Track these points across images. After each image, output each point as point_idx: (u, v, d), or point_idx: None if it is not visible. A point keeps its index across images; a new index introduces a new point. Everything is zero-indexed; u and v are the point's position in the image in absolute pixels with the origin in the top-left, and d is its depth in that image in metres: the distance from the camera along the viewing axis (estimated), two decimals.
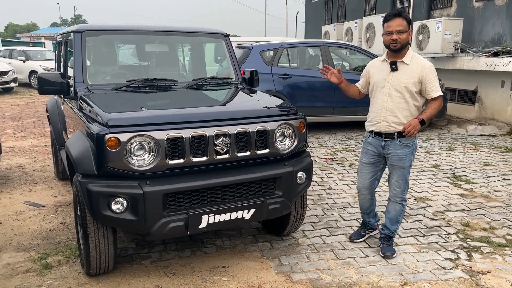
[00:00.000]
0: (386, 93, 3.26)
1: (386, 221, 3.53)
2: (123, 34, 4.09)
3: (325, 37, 15.69)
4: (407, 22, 3.16)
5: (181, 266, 3.31)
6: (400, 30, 3.13)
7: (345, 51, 9.02)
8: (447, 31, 9.23)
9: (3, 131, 8.77)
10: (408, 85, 3.20)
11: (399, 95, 3.23)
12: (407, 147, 3.29)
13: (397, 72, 3.24)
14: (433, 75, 3.20)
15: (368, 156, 3.48)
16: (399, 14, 3.17)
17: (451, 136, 8.28)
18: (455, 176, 5.65)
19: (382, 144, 3.34)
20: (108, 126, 2.70)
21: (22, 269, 3.28)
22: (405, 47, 3.20)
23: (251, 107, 3.40)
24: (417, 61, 3.22)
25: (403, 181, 3.38)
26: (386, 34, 3.21)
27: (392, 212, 3.48)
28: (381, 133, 3.33)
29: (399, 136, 3.27)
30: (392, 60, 3.26)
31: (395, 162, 3.33)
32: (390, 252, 3.44)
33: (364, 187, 3.54)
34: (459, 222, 4.14)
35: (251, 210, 3.00)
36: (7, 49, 19.44)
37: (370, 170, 3.49)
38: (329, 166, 6.15)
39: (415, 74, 3.19)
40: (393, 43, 3.16)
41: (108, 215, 2.71)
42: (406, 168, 3.33)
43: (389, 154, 3.34)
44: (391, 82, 3.25)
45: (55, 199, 4.83)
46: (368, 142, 3.47)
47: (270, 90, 7.46)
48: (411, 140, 3.30)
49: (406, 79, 3.20)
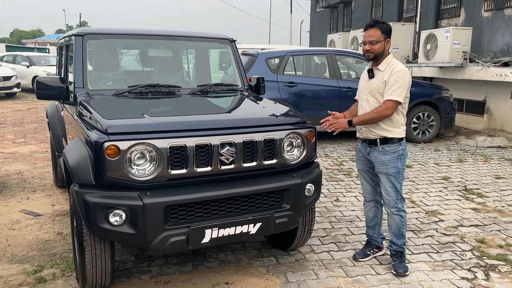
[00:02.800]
0: (365, 99, 3.30)
1: (392, 237, 3.41)
2: (126, 38, 3.95)
3: (330, 45, 15.58)
4: (383, 32, 3.17)
5: (182, 282, 3.13)
6: (372, 41, 3.16)
7: (352, 60, 8.88)
8: (456, 41, 9.09)
9: (4, 137, 8.64)
10: (379, 90, 3.20)
11: (375, 100, 3.23)
12: (389, 153, 3.24)
13: (373, 79, 3.27)
14: (396, 79, 3.15)
15: (360, 163, 3.48)
16: (373, 25, 3.19)
17: (460, 148, 8.10)
18: (466, 189, 5.46)
19: (367, 150, 3.34)
20: (107, 134, 2.54)
21: (15, 283, 3.11)
22: (381, 56, 3.22)
23: (258, 115, 3.24)
24: (391, 67, 3.22)
25: (392, 189, 3.27)
26: (362, 44, 3.26)
27: (393, 226, 3.36)
28: (366, 139, 3.32)
29: (381, 143, 3.24)
30: (370, 68, 3.33)
31: (379, 168, 3.29)
32: (403, 270, 3.26)
33: (368, 193, 3.50)
34: (474, 238, 3.95)
35: (257, 224, 2.83)
36: (11, 54, 19.42)
37: (367, 176, 3.46)
38: (335, 177, 5.98)
39: (385, 78, 3.20)
40: (366, 53, 3.22)
41: (105, 228, 2.55)
42: (391, 175, 3.24)
43: (374, 160, 3.32)
44: (368, 89, 3.28)
45: (53, 208, 4.67)
46: (357, 149, 3.48)
47: (276, 98, 7.30)
48: (394, 146, 3.24)
49: (378, 84, 3.21)
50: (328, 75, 8.09)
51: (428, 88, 8.63)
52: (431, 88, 8.65)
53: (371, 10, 15.44)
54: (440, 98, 8.38)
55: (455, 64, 9.11)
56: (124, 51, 4.50)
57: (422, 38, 9.95)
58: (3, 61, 18.53)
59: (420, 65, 10.31)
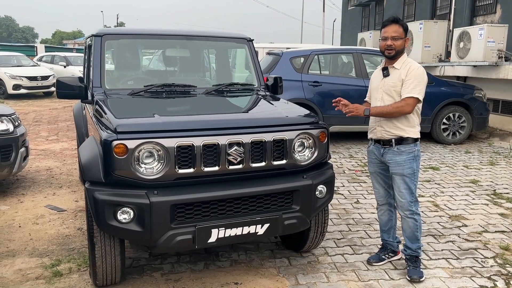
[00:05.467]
0: (379, 98, 3.22)
1: (406, 241, 3.32)
2: (144, 38, 4.01)
3: (361, 44, 15.31)
4: (404, 30, 3.13)
5: (192, 280, 3.15)
6: (395, 37, 3.10)
7: (379, 59, 8.68)
8: (490, 39, 8.72)
9: (38, 134, 8.98)
10: (396, 88, 3.12)
11: (390, 98, 3.15)
12: (405, 154, 3.15)
13: (388, 77, 3.19)
14: (415, 77, 3.08)
15: (373, 165, 3.39)
16: (396, 21, 3.13)
17: (493, 150, 7.77)
18: (495, 193, 5.23)
19: (381, 151, 3.25)
20: (116, 132, 2.59)
21: (32, 276, 3.22)
22: (400, 54, 3.16)
23: (268, 115, 3.22)
24: (407, 65, 3.15)
25: (407, 190, 3.17)
26: (382, 40, 3.18)
27: (407, 230, 3.27)
28: (380, 140, 3.22)
29: (396, 143, 3.15)
30: (385, 67, 3.24)
31: (394, 169, 3.20)
32: (417, 276, 3.16)
33: (381, 196, 3.41)
34: (498, 245, 3.78)
35: (264, 225, 2.80)
36: (50, 54, 20.18)
37: (380, 179, 3.37)
38: (358, 178, 5.87)
39: (402, 76, 3.12)
40: (387, 49, 3.13)
41: (113, 225, 2.60)
42: (407, 176, 3.15)
43: (388, 161, 3.22)
44: (383, 88, 3.20)
45: (76, 204, 4.81)
46: (370, 151, 3.41)
47: (300, 98, 7.27)
48: (410, 147, 3.16)
49: (395, 82, 3.14)
50: (354, 74, 7.94)
51: (460, 87, 8.33)
52: (463, 88, 8.34)
53: (403, 7, 15.06)
54: (472, 98, 8.07)
55: (489, 63, 8.75)
56: (144, 51, 4.56)
57: (455, 36, 9.62)
58: (42, 61, 19.27)
59: (453, 64, 9.97)
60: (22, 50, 22.43)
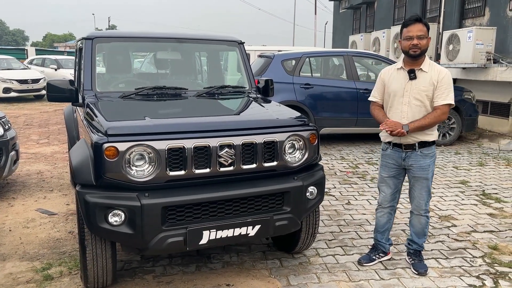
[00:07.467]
0: (406, 102, 3.14)
1: (413, 236, 3.37)
2: (135, 41, 4.01)
3: (352, 46, 15.43)
4: (427, 28, 3.08)
5: (183, 282, 3.15)
6: (421, 36, 3.03)
7: (370, 61, 8.76)
8: (479, 41, 8.84)
9: (28, 138, 8.92)
10: (428, 92, 3.09)
11: (419, 103, 3.10)
12: (429, 157, 3.18)
13: (416, 80, 3.11)
14: (447, 82, 3.09)
15: (388, 170, 3.33)
16: (419, 20, 3.08)
17: (482, 151, 7.86)
18: (484, 193, 5.30)
19: (403, 155, 3.21)
20: (107, 135, 2.59)
21: (23, 280, 3.21)
22: (424, 53, 3.10)
23: (259, 117, 3.24)
24: (435, 68, 3.13)
25: (427, 192, 3.24)
26: (405, 40, 3.09)
27: (417, 225, 3.32)
28: (401, 144, 3.19)
29: (420, 147, 3.14)
30: (410, 68, 3.13)
31: (418, 173, 3.19)
32: (423, 269, 3.27)
33: (386, 200, 3.39)
34: (487, 244, 3.83)
35: (256, 226, 2.82)
36: (40, 57, 20.04)
37: (392, 183, 3.34)
38: (349, 179, 5.90)
39: (433, 80, 3.08)
40: (413, 49, 3.04)
41: (104, 228, 2.60)
42: (429, 179, 3.21)
43: (411, 165, 3.20)
44: (410, 91, 3.12)
45: (67, 207, 4.79)
46: (386, 155, 3.32)
47: (291, 100, 7.31)
48: (432, 149, 3.19)
49: (426, 86, 3.09)
50: (345, 76, 8.00)
51: None
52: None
53: (394, 10, 15.18)
54: (461, 100, 8.15)
55: (477, 65, 8.86)
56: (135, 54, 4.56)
57: (444, 38, 9.73)
58: (33, 64, 19.14)
59: (443, 66, 10.07)
60: (13, 53, 22.22)
